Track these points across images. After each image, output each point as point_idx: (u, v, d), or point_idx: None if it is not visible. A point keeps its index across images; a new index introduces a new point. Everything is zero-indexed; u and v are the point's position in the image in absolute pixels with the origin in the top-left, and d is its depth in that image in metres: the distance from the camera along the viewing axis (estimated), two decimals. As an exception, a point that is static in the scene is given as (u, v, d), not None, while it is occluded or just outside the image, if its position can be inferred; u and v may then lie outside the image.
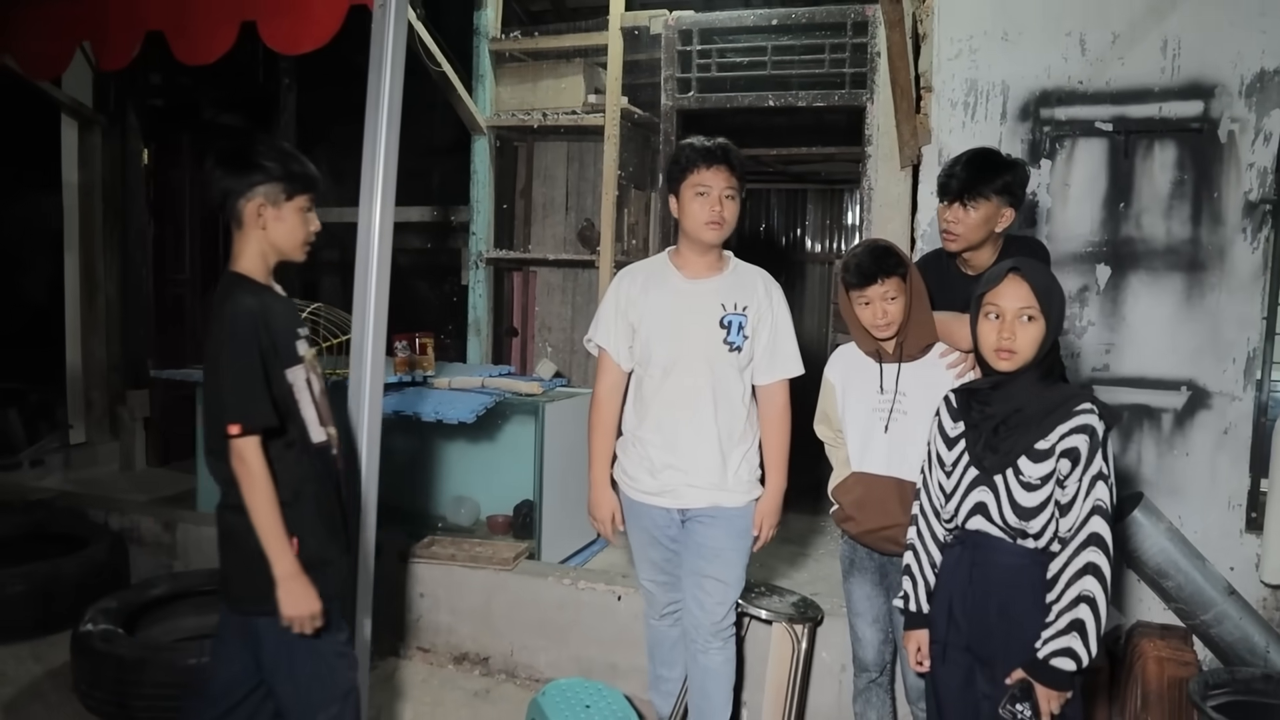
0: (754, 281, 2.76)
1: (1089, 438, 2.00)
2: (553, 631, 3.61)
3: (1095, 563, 1.97)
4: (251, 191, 2.19)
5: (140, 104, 5.89)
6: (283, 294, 2.35)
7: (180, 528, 4.30)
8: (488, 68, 4.91)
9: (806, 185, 7.51)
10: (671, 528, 2.79)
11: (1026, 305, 2.07)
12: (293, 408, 2.23)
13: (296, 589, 2.16)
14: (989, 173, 2.68)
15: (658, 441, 2.72)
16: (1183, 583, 3.44)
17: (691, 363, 2.67)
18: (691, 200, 2.62)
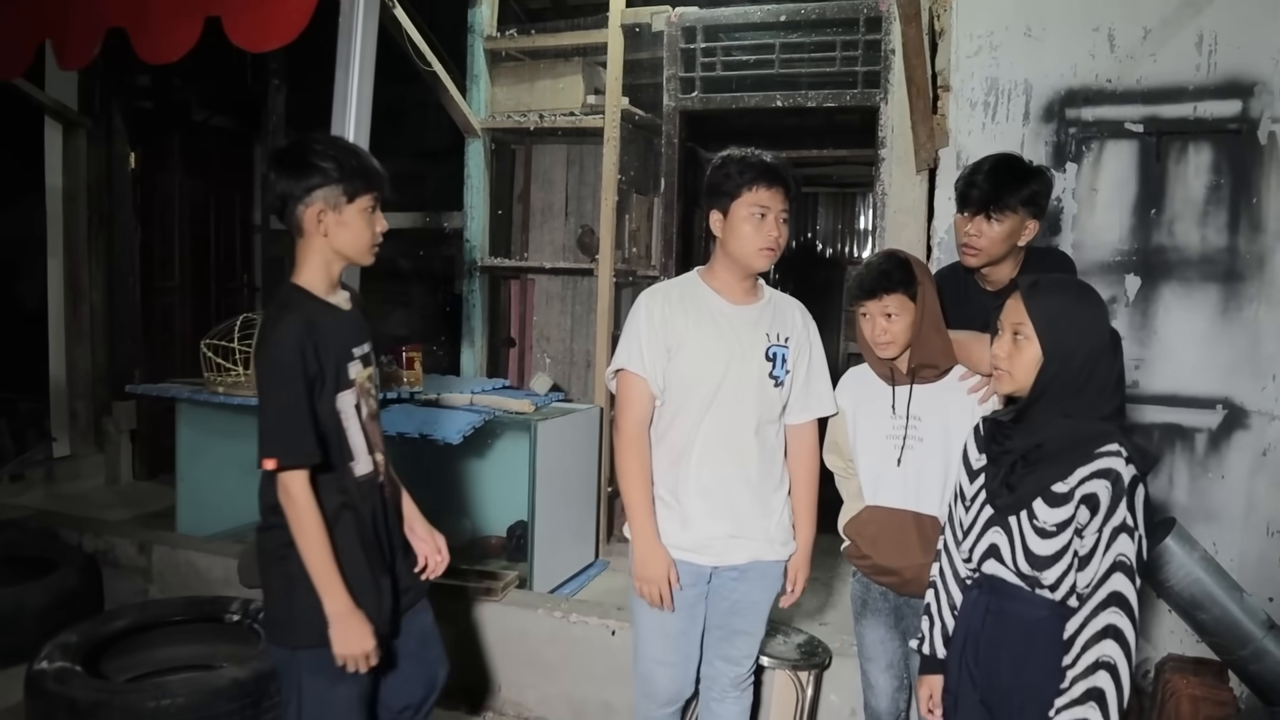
0: (792, 311, 2.52)
1: (1111, 484, 1.78)
2: (543, 667, 3.41)
3: (1116, 625, 1.75)
4: (310, 196, 2.06)
5: (127, 106, 5.75)
6: (345, 305, 2.22)
7: (156, 550, 4.11)
8: (482, 67, 4.71)
9: (818, 188, 7.34)
10: (700, 587, 2.46)
11: (1017, 323, 1.89)
12: (340, 436, 2.12)
13: (350, 627, 2.06)
14: (1015, 182, 2.47)
15: (694, 488, 2.40)
16: (1218, 615, 3.27)
17: (739, 397, 2.39)
18: (744, 221, 2.31)
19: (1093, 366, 1.84)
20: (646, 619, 2.45)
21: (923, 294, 2.37)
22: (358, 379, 2.17)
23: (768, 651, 2.81)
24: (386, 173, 2.18)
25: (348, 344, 2.16)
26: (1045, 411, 1.88)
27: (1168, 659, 3.43)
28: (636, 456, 2.41)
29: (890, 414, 2.46)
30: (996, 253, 2.51)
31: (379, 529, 2.22)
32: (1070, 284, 1.93)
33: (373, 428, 2.23)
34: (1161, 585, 3.34)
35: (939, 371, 2.43)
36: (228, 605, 3.49)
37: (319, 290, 2.15)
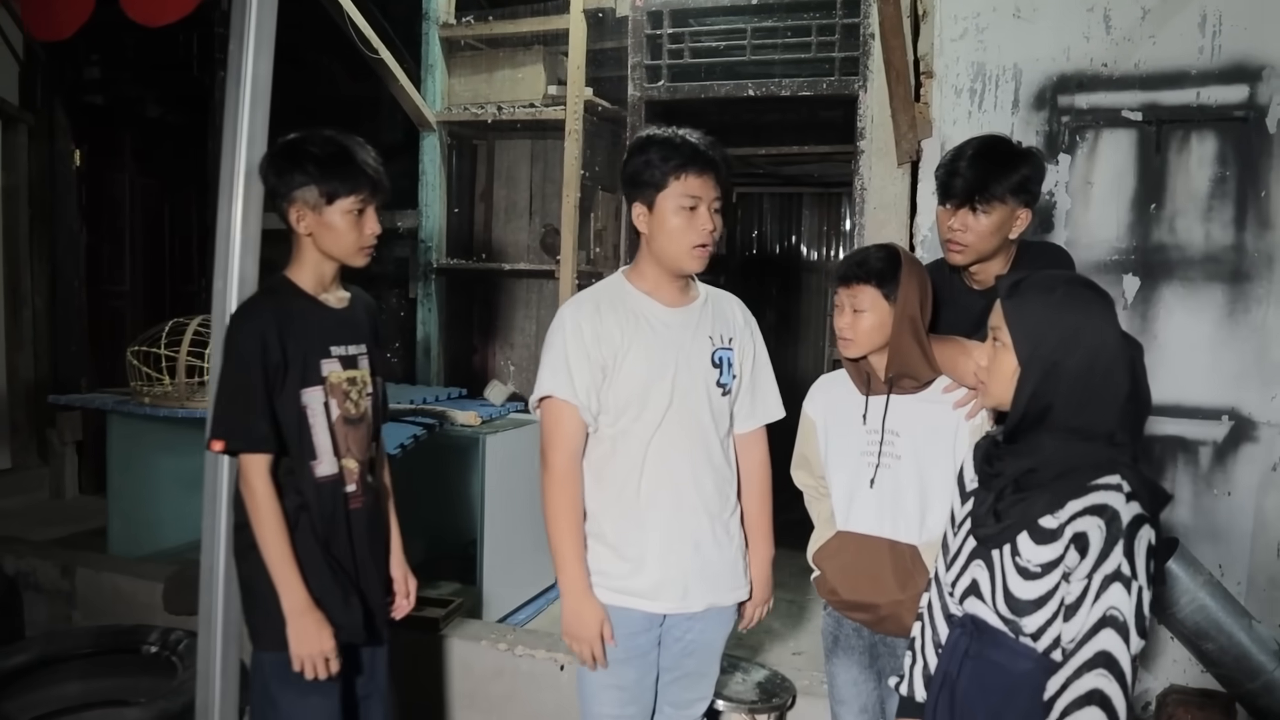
0: (732, 308, 2.26)
1: (1105, 524, 1.50)
2: (486, 704, 3.15)
3: (1103, 691, 1.47)
4: (290, 195, 2.06)
5: (73, 101, 5.49)
6: (338, 304, 2.19)
7: (80, 573, 3.82)
8: (438, 56, 4.45)
9: (802, 188, 7.08)
10: (653, 632, 2.18)
11: (995, 328, 1.64)
12: (302, 432, 2.08)
13: (308, 625, 2.01)
14: (1002, 168, 2.19)
15: (647, 523, 2.11)
16: (1225, 645, 3.08)
17: (690, 413, 2.11)
18: (672, 215, 2.02)
19: (1088, 379, 1.56)
20: (595, 673, 2.16)
21: (903, 295, 2.08)
22: (331, 378, 2.13)
23: (723, 691, 2.52)
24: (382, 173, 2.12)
25: (325, 341, 2.13)
26: (1037, 431, 1.61)
27: (1170, 691, 3.25)
28: (569, 498, 2.11)
29: (862, 424, 2.18)
30: (985, 248, 2.24)
31: (340, 539, 2.14)
32: (1058, 282, 1.64)
33: (351, 433, 2.17)
34: (1163, 612, 3.15)
35: (919, 383, 2.15)
36: (146, 636, 3.24)
37: (306, 285, 2.14)
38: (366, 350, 2.23)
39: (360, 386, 2.19)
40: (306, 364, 2.08)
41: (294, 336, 2.06)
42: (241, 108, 2.17)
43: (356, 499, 2.19)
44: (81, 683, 3.22)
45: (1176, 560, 3.12)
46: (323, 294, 2.17)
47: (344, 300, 2.22)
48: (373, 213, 2.12)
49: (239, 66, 2.15)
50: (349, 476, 2.17)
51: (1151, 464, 3.33)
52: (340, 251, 2.12)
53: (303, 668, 2.03)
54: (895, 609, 2.11)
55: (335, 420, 2.13)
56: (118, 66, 5.63)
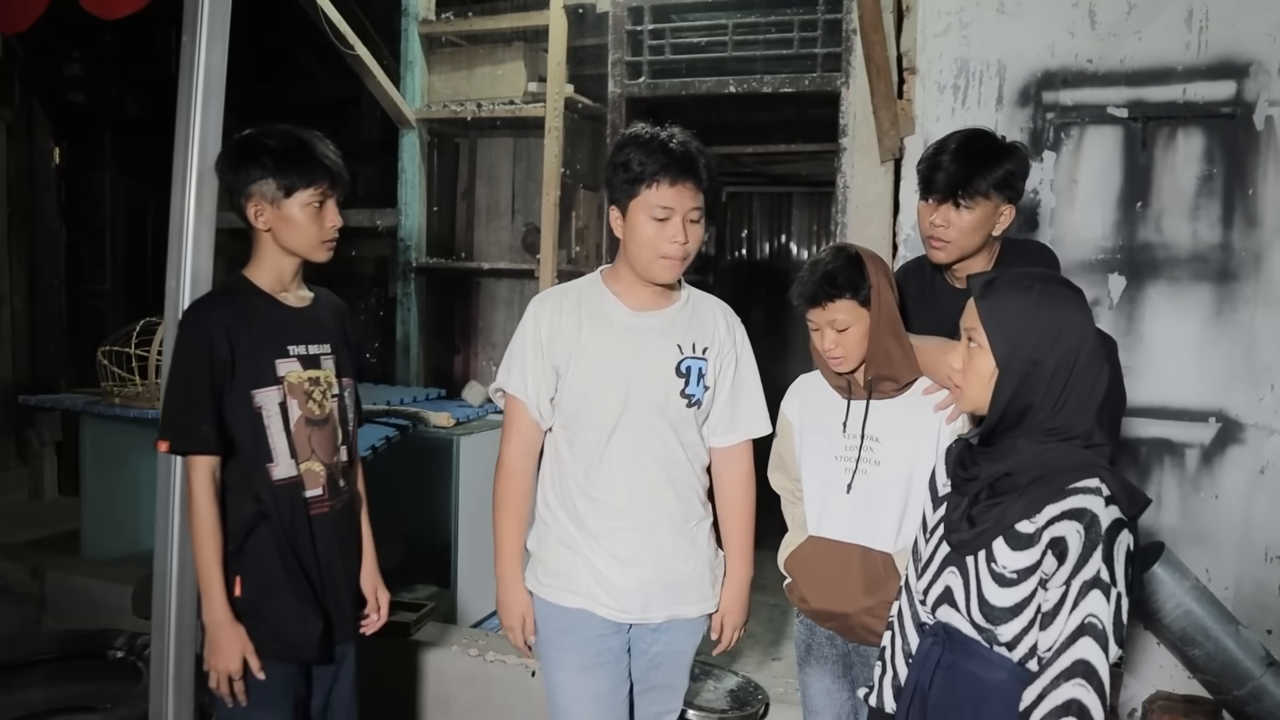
0: (714, 316, 2.16)
1: (1084, 529, 1.45)
2: (458, 710, 3.10)
3: (1080, 701, 1.42)
4: (246, 190, 2.02)
5: (52, 99, 5.44)
6: (298, 303, 2.15)
7: (50, 576, 3.77)
8: (418, 53, 4.39)
9: (791, 188, 7.04)
10: (622, 636, 2.11)
11: (969, 327, 1.59)
12: (256, 434, 2.03)
13: (223, 638, 1.96)
14: (986, 163, 2.13)
15: (603, 531, 2.06)
16: (1212, 651, 3.07)
17: (644, 422, 2.04)
18: (645, 224, 1.94)
19: (1066, 380, 1.51)
20: (566, 683, 2.08)
21: (877, 297, 2.01)
22: (289, 378, 2.07)
23: (693, 699, 2.46)
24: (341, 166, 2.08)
25: (283, 340, 2.08)
26: (1014, 434, 1.55)
27: (1156, 697, 3.24)
28: (513, 491, 2.10)
29: (842, 432, 2.12)
30: (968, 245, 2.18)
31: (302, 547, 2.08)
32: (1033, 280, 1.58)
33: (315, 435, 2.11)
34: (1150, 617, 3.15)
35: (900, 385, 2.09)
36: (112, 640, 3.18)
37: (264, 283, 2.09)
38: (332, 351, 2.17)
39: (324, 387, 2.14)
40: (260, 363, 2.03)
41: (246, 335, 2.01)
42: (194, 103, 2.12)
43: (321, 504, 2.12)
44: (45, 689, 3.16)
45: (1163, 565, 3.09)
46: (281, 292, 2.12)
47: (305, 299, 2.17)
48: (333, 206, 2.08)
49: (192, 60, 2.09)
50: (312, 480, 2.11)
51: (1138, 466, 3.30)
52: (301, 246, 2.06)
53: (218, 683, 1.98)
54: (864, 618, 2.06)
55: (296, 421, 2.08)
56: (97, 64, 5.58)
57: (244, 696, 1.99)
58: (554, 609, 2.07)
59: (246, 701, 1.99)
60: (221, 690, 1.98)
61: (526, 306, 2.10)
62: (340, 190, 2.09)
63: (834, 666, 2.21)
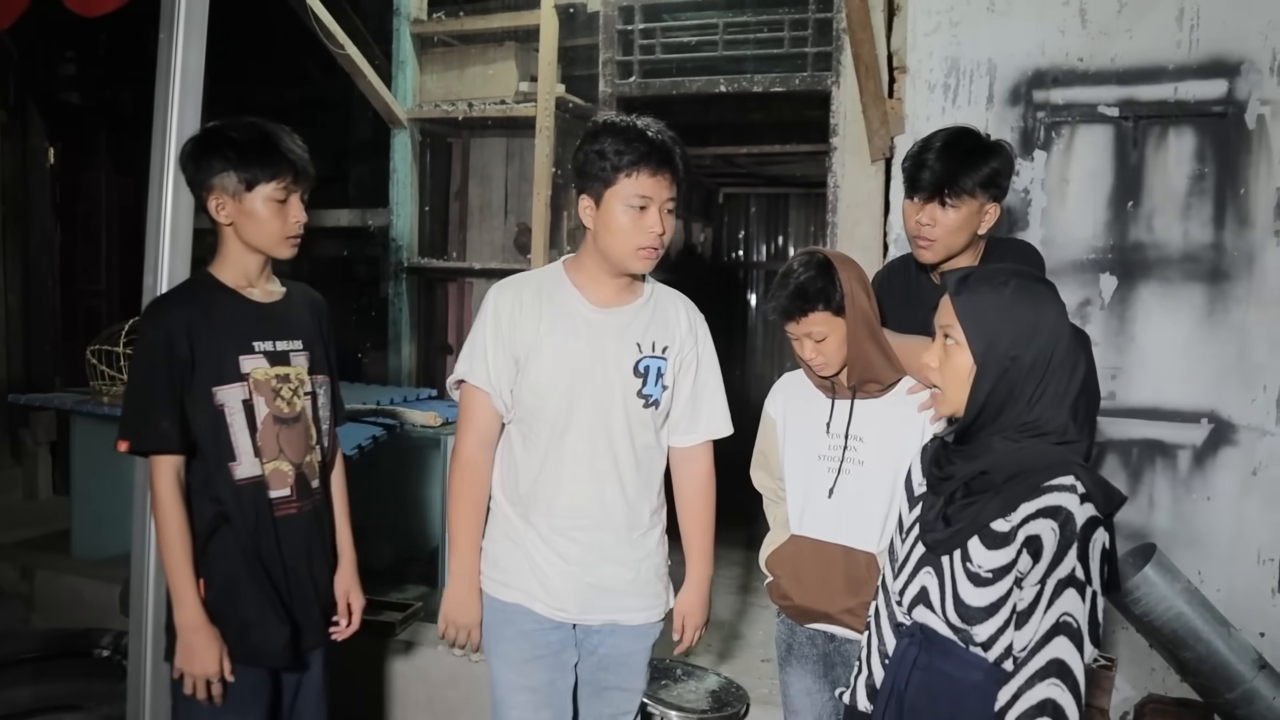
0: (676, 313, 2.10)
1: (1058, 526, 1.43)
2: (443, 711, 3.09)
3: (1055, 701, 1.41)
4: (209, 183, 1.97)
5: (46, 99, 5.44)
6: (266, 298, 2.08)
7: (39, 575, 3.76)
8: (409, 53, 4.38)
9: (789, 189, 7.03)
10: (565, 630, 2.09)
11: (945, 324, 1.57)
12: (218, 433, 1.98)
13: (195, 642, 1.92)
14: (972, 161, 2.11)
15: (546, 529, 2.03)
16: (1203, 654, 3.05)
17: (600, 421, 2.00)
18: (620, 214, 1.89)
19: (1043, 375, 1.49)
20: (504, 675, 2.06)
21: (851, 303, 1.99)
22: (255, 374, 2.02)
23: (674, 700, 2.44)
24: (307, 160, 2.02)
25: (247, 336, 2.03)
26: (989, 431, 1.54)
27: (1148, 700, 3.23)
28: (470, 482, 2.05)
29: (825, 432, 2.11)
30: (954, 244, 2.16)
31: (267, 550, 2.02)
32: (1008, 275, 1.57)
33: (284, 434, 2.05)
34: (1141, 620, 3.11)
35: (883, 385, 2.07)
36: (98, 639, 3.17)
37: (228, 279, 2.04)
38: (305, 347, 2.12)
39: (295, 385, 2.08)
40: (221, 360, 1.98)
41: (207, 332, 1.96)
42: (171, 101, 2.12)
43: (288, 505, 2.06)
44: (31, 687, 3.15)
45: (1154, 567, 3.06)
46: (247, 288, 2.06)
47: (275, 294, 2.11)
48: (298, 201, 2.02)
49: (169, 58, 2.08)
50: (279, 480, 2.05)
51: (1129, 468, 3.29)
52: (263, 241, 2.01)
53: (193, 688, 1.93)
54: (845, 618, 2.04)
55: (263, 420, 2.02)
56: (91, 64, 5.57)
57: (220, 698, 1.94)
58: (494, 601, 2.05)
59: (223, 702, 1.95)
60: (199, 695, 1.93)
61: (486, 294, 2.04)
62: (305, 185, 2.03)
63: (815, 666, 2.20)
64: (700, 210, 6.90)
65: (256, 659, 1.99)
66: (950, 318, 1.54)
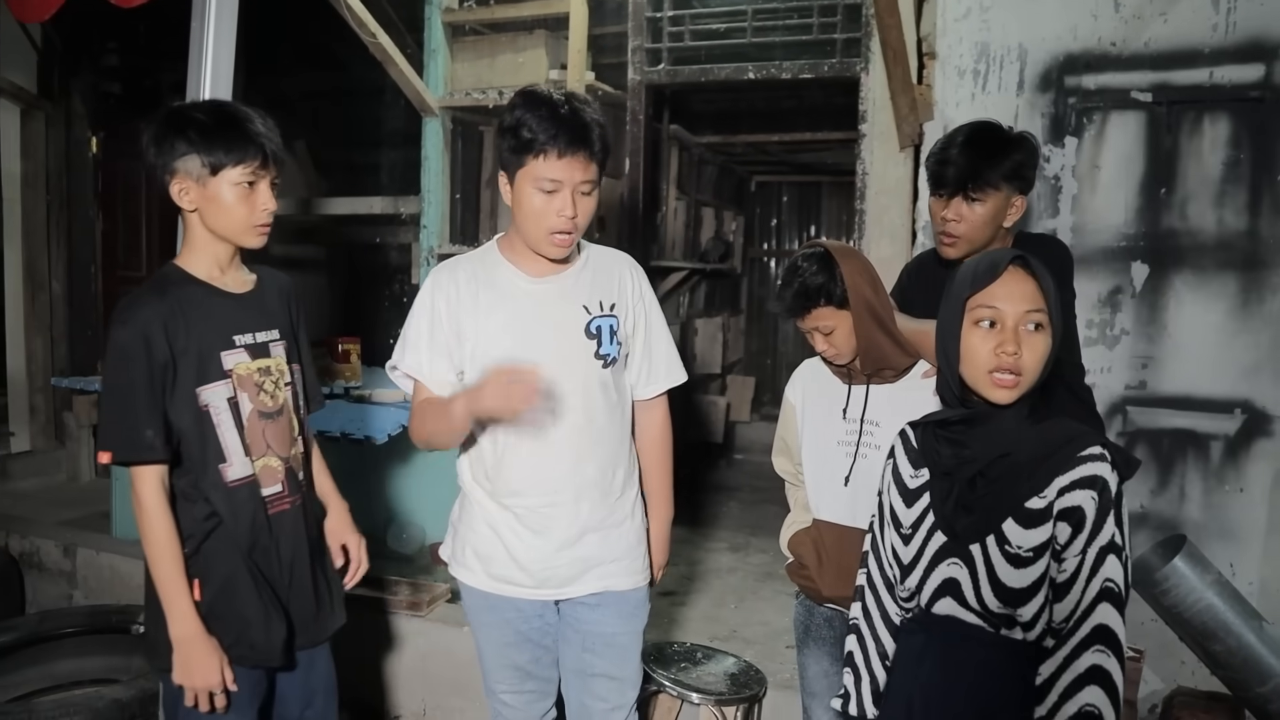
0: (618, 270, 2.07)
1: (1098, 495, 1.44)
2: (470, 690, 3.10)
3: (1104, 668, 1.41)
4: (170, 167, 1.86)
5: (90, 89, 5.56)
6: (240, 289, 1.98)
7: (80, 554, 3.86)
8: (441, 41, 4.41)
9: (820, 177, 6.99)
10: (547, 616, 2.09)
11: (1034, 308, 1.49)
12: (204, 434, 1.88)
13: (194, 653, 1.83)
14: (996, 154, 2.11)
15: (520, 507, 1.99)
16: (1234, 647, 3.01)
17: (563, 390, 1.95)
18: (531, 196, 1.83)
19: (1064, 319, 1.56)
20: (488, 653, 2.09)
21: (854, 295, 1.99)
22: (238, 370, 1.93)
23: (690, 682, 2.46)
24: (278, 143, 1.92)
25: (226, 331, 1.92)
26: (1016, 411, 1.53)
27: (1177, 693, 3.17)
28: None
29: (842, 417, 2.12)
30: (979, 238, 2.15)
31: (263, 549, 1.95)
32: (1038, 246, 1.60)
33: (270, 429, 1.97)
34: (1171, 612, 3.08)
35: (898, 371, 2.08)
36: (136, 615, 3.24)
37: (199, 271, 1.93)
38: (281, 336, 2.04)
39: (276, 376, 2.00)
40: (203, 358, 1.89)
41: (185, 330, 1.86)
42: (202, 90, 2.13)
43: (281, 501, 1.99)
44: (72, 661, 3.25)
45: (1183, 558, 3.03)
46: (220, 278, 1.96)
47: (248, 283, 2.02)
48: (267, 187, 1.92)
49: (200, 47, 2.10)
50: (270, 477, 1.98)
51: (1160, 458, 3.24)
52: (229, 229, 1.90)
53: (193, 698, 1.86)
54: None
55: (248, 416, 1.94)
56: (134, 54, 5.67)
57: (224, 709, 1.88)
58: (475, 591, 2.04)
59: (226, 709, 1.89)
60: (201, 706, 1.85)
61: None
62: (275, 171, 1.93)
63: (832, 649, 2.20)
64: (732, 199, 6.89)
65: (256, 659, 1.94)
66: (1038, 301, 1.50)
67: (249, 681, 1.94)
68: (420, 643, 3.24)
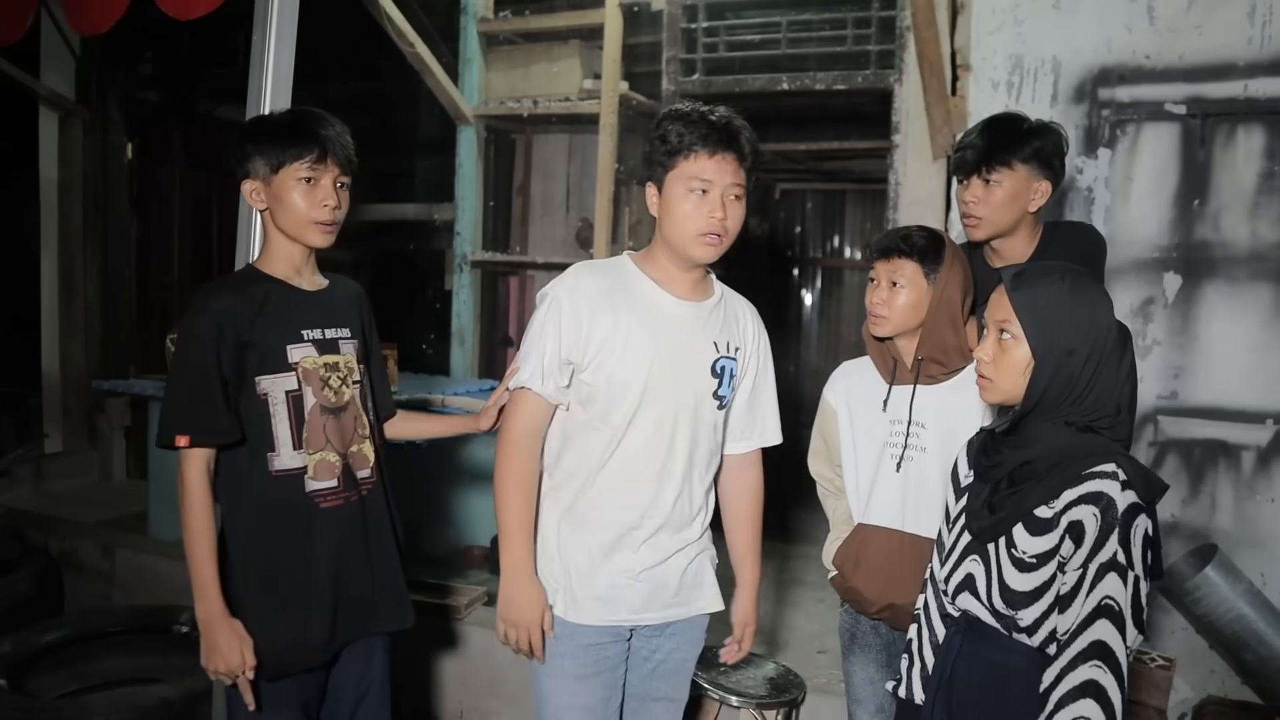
0: (745, 315, 2.05)
1: (1100, 512, 1.47)
2: (506, 693, 3.14)
3: (1097, 682, 1.44)
4: (243, 169, 1.94)
5: (126, 96, 5.63)
6: (313, 287, 2.03)
7: (119, 554, 3.91)
8: (476, 51, 4.47)
9: (845, 185, 6.99)
10: (621, 644, 1.98)
11: (1002, 319, 1.59)
12: (262, 422, 1.91)
13: (218, 637, 1.84)
14: (1011, 137, 2.17)
15: (606, 532, 1.91)
16: (1265, 656, 3.05)
17: (678, 419, 1.90)
18: (682, 198, 1.81)
19: (1097, 367, 1.54)
20: (557, 691, 1.92)
21: (944, 277, 2.02)
22: (304, 363, 1.95)
23: (730, 685, 2.48)
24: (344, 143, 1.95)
25: (296, 325, 1.96)
26: (1041, 422, 1.58)
27: (1208, 701, 3.19)
28: (520, 466, 1.87)
29: (885, 416, 2.13)
30: (1001, 221, 2.19)
31: (302, 542, 1.94)
32: (1063, 271, 1.61)
33: (331, 424, 1.97)
34: (1201, 620, 3.12)
35: (948, 370, 2.08)
36: (177, 616, 3.31)
37: (276, 270, 1.99)
38: (352, 335, 2.06)
39: (344, 373, 2.01)
40: (269, 349, 1.92)
41: (256, 323, 1.90)
42: (263, 100, 2.18)
43: (333, 497, 1.98)
44: (114, 660, 3.29)
45: (1215, 567, 3.04)
46: (294, 278, 2.01)
47: (321, 285, 2.07)
48: (330, 184, 1.93)
49: (261, 58, 2.16)
50: (325, 471, 1.97)
51: (1191, 467, 3.25)
52: (292, 225, 1.93)
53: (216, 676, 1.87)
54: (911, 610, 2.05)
55: (310, 410, 1.95)
56: (170, 63, 5.75)
57: (251, 698, 1.88)
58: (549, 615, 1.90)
59: (256, 703, 1.89)
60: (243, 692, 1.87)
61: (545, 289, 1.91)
62: (339, 168, 1.94)
63: (878, 656, 2.21)
64: (757, 206, 6.91)
65: (279, 659, 1.92)
66: (1006, 313, 1.58)
67: (286, 684, 1.95)
68: (458, 646, 3.27)
